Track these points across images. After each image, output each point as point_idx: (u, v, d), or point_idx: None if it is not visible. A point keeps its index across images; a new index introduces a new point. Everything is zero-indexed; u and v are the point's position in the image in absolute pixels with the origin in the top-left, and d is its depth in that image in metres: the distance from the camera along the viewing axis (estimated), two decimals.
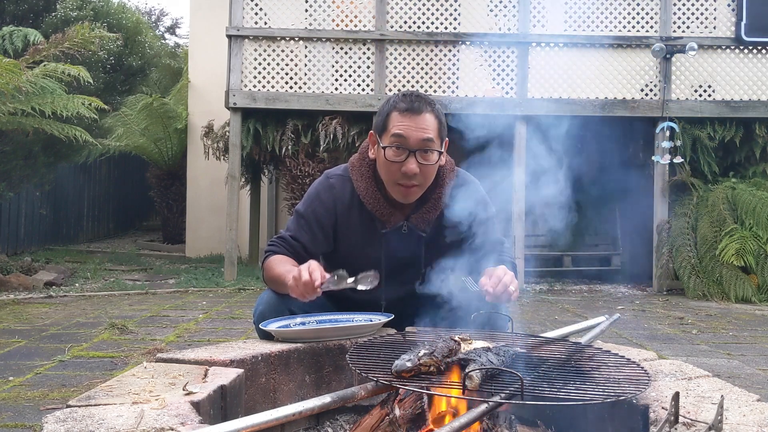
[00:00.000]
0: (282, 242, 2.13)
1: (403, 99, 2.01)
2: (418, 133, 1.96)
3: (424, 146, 1.97)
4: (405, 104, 1.99)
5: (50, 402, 2.49)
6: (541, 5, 6.66)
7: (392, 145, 1.98)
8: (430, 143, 1.98)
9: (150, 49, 10.97)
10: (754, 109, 6.56)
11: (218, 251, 8.51)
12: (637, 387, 1.37)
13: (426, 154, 1.98)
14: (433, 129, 1.99)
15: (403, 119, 1.97)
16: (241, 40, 6.63)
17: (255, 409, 1.66)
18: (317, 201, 2.13)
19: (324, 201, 2.12)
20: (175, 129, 9.83)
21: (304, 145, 6.73)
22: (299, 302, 2.13)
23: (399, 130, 1.97)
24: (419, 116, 1.97)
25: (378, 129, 2.05)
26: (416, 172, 1.97)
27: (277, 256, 2.08)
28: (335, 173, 2.17)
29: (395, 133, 1.97)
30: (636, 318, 4.86)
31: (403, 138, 1.96)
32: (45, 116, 5.80)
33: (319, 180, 2.18)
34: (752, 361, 3.42)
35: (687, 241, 6.29)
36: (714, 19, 6.65)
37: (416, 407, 1.49)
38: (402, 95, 2.03)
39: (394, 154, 1.98)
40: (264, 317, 2.05)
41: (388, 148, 1.98)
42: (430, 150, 1.98)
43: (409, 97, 2.01)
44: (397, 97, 2.04)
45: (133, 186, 13.11)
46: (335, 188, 2.12)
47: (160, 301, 5.30)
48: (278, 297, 2.08)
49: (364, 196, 2.08)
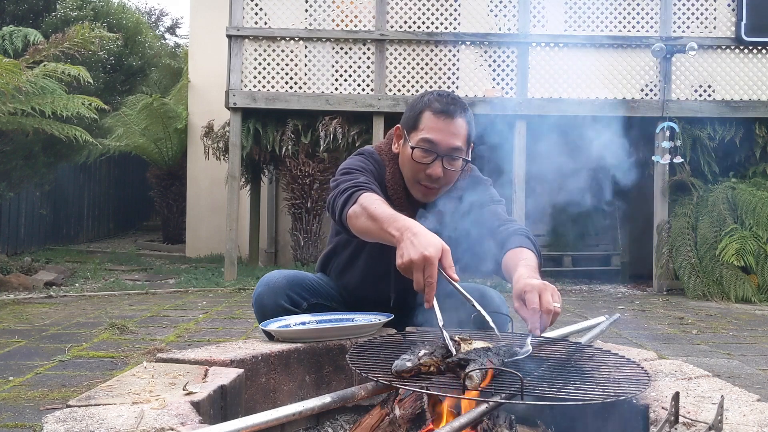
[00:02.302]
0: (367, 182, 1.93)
1: (439, 99, 1.97)
2: (450, 139, 1.94)
3: (452, 153, 1.96)
4: (440, 105, 1.95)
5: (50, 402, 2.49)
6: (541, 5, 6.66)
7: (421, 147, 1.96)
8: (458, 151, 1.96)
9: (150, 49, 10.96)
10: (754, 109, 6.56)
11: (218, 251, 8.51)
12: (637, 387, 1.37)
13: (453, 161, 1.97)
14: (464, 136, 1.97)
15: (437, 122, 1.94)
16: (241, 40, 6.63)
17: (255, 409, 1.66)
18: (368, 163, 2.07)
19: (375, 167, 2.08)
20: (175, 129, 9.84)
21: (304, 145, 6.74)
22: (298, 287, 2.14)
23: (431, 134, 1.94)
24: (452, 121, 1.94)
25: (408, 125, 2.02)
26: (440, 176, 1.96)
27: (374, 195, 1.85)
28: (371, 150, 2.14)
29: (426, 137, 1.95)
30: (636, 318, 4.86)
31: (433, 143, 1.94)
32: (45, 116, 5.80)
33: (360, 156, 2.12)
34: (752, 361, 3.42)
35: (687, 241, 6.29)
36: (714, 19, 6.65)
37: (416, 407, 1.49)
38: (437, 95, 1.99)
39: (421, 156, 1.96)
40: (262, 299, 2.07)
41: (417, 149, 1.96)
42: (457, 157, 1.97)
43: (445, 99, 1.97)
44: (432, 96, 2.00)
45: (133, 186, 13.12)
46: (376, 161, 2.10)
47: (160, 301, 5.30)
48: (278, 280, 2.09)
49: (389, 181, 2.07)
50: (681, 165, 6.47)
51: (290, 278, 2.15)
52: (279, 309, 2.08)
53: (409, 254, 1.56)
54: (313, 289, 2.21)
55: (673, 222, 6.49)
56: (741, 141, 6.60)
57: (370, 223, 1.77)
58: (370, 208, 1.78)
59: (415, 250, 1.55)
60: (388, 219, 1.71)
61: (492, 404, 1.30)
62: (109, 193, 12.32)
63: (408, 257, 1.56)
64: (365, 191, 1.86)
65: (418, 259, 1.54)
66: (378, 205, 1.78)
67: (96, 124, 7.58)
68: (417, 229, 1.62)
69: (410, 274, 1.56)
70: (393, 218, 1.70)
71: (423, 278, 1.53)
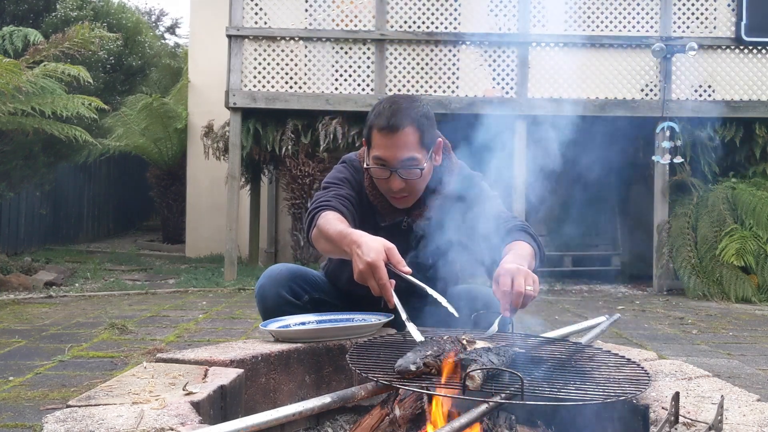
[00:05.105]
0: (335, 196, 2.01)
1: (382, 113, 1.96)
2: (398, 152, 1.94)
3: (405, 164, 1.96)
4: (383, 121, 1.94)
5: (50, 402, 2.49)
6: (541, 5, 6.65)
7: (375, 165, 1.98)
8: (410, 161, 1.95)
9: (150, 49, 10.98)
10: (754, 109, 6.56)
11: (218, 251, 8.51)
12: (637, 387, 1.37)
13: (408, 171, 1.96)
14: (414, 144, 1.95)
15: (383, 138, 1.95)
16: (241, 40, 6.63)
17: (255, 409, 1.65)
18: (347, 173, 2.12)
19: (354, 175, 2.12)
20: (175, 129, 9.84)
21: (304, 145, 6.73)
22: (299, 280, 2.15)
23: (378, 152, 1.96)
24: (396, 134, 1.93)
25: (366, 140, 2.05)
26: (402, 187, 1.98)
27: (333, 213, 1.93)
28: (353, 158, 2.18)
29: (375, 155, 1.97)
30: (636, 318, 4.86)
31: (383, 159, 1.96)
32: (45, 116, 5.80)
33: (342, 164, 2.17)
34: (752, 361, 3.42)
35: (687, 241, 6.29)
36: (714, 19, 6.65)
37: (416, 407, 1.49)
38: (381, 108, 1.98)
39: (378, 173, 1.99)
40: (264, 290, 2.09)
41: (373, 168, 1.99)
42: (411, 167, 1.96)
43: (387, 113, 1.95)
44: (378, 108, 1.99)
45: (133, 186, 13.11)
46: (357, 170, 2.13)
47: (160, 301, 5.30)
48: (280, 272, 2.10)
49: (368, 187, 2.09)
50: (681, 165, 6.47)
51: (293, 271, 2.17)
52: (280, 300, 2.09)
53: (357, 267, 1.66)
54: (315, 284, 2.21)
55: (673, 222, 6.49)
56: (741, 141, 6.60)
57: (329, 245, 1.87)
58: (324, 229, 1.86)
59: (361, 261, 1.65)
60: (339, 238, 1.79)
61: (492, 404, 1.30)
62: (109, 193, 12.31)
63: (357, 270, 1.66)
64: (324, 210, 1.94)
65: (364, 269, 1.64)
66: (331, 225, 1.85)
67: (96, 124, 7.58)
68: (361, 240, 1.69)
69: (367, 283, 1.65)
70: (342, 236, 1.78)
71: (375, 283, 1.63)
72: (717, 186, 6.50)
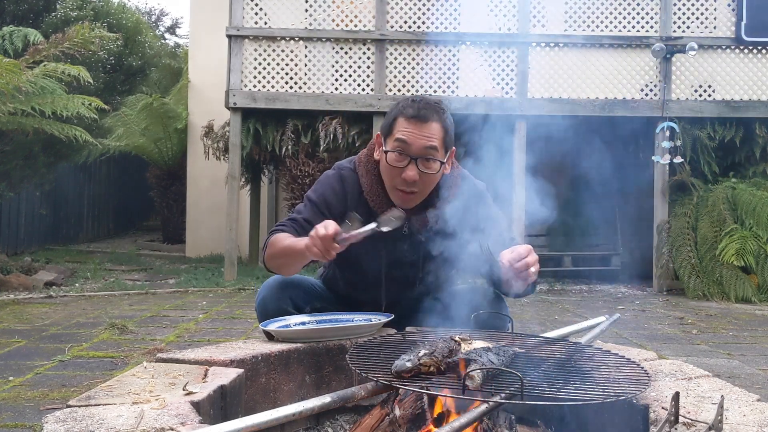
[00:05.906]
0: (292, 223, 2.08)
1: (411, 105, 1.98)
2: (422, 140, 1.94)
3: (426, 154, 1.95)
4: (412, 110, 1.96)
5: (50, 402, 2.49)
6: (541, 5, 6.66)
7: (395, 150, 1.97)
8: (432, 152, 1.96)
9: (150, 49, 10.98)
10: (754, 109, 6.56)
11: (218, 251, 8.51)
12: (637, 387, 1.37)
13: (427, 162, 1.96)
14: (438, 138, 1.97)
15: (409, 125, 1.95)
16: (241, 40, 6.63)
17: (255, 409, 1.66)
18: (330, 189, 2.12)
19: (336, 191, 2.11)
20: (175, 129, 9.83)
21: (304, 145, 6.73)
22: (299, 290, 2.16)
23: (402, 135, 1.95)
24: (425, 124, 1.95)
25: (384, 131, 2.04)
26: (416, 180, 1.96)
27: (283, 233, 2.03)
28: (346, 166, 2.16)
29: (398, 138, 1.96)
30: (636, 318, 4.86)
31: (406, 144, 1.95)
32: (45, 116, 5.80)
33: (331, 171, 2.17)
34: (752, 361, 3.42)
35: (687, 241, 6.29)
36: (714, 19, 6.65)
37: (416, 407, 1.49)
38: (411, 100, 2.00)
39: (395, 159, 1.97)
40: (265, 303, 2.09)
41: (391, 153, 1.98)
42: (432, 159, 1.96)
43: (418, 104, 1.98)
44: (406, 101, 2.01)
45: (133, 186, 13.11)
46: (347, 181, 2.12)
47: (160, 301, 5.30)
48: (280, 284, 2.11)
49: (368, 193, 2.08)
50: (681, 165, 6.47)
51: (292, 282, 2.16)
52: (283, 313, 2.09)
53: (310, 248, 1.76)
54: (315, 293, 2.22)
55: (673, 222, 6.49)
56: (741, 141, 6.60)
57: (285, 259, 1.97)
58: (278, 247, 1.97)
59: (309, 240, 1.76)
60: (292, 243, 1.91)
61: (492, 404, 1.30)
62: (109, 193, 12.31)
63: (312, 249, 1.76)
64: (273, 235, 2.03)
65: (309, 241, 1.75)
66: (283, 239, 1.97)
67: (96, 124, 7.58)
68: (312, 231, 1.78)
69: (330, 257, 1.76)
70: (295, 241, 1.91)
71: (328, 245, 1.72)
72: (717, 186, 6.50)
